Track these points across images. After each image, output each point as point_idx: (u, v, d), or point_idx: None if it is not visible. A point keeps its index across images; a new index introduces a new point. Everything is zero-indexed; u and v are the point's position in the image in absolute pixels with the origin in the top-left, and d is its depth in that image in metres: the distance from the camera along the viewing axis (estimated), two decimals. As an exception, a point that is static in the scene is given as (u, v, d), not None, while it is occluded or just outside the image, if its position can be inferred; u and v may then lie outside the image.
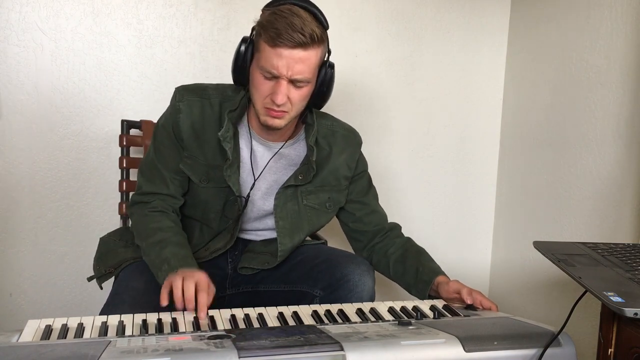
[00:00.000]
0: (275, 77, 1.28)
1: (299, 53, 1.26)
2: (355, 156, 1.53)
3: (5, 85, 1.82)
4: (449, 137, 2.31)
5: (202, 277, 1.22)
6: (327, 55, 1.36)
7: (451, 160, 2.33)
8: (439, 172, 2.32)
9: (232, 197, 1.42)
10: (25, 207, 1.89)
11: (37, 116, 1.86)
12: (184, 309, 1.18)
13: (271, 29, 1.25)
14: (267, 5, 1.32)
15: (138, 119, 1.84)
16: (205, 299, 1.17)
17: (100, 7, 1.87)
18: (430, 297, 1.40)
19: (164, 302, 1.18)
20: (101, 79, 1.91)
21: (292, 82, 1.28)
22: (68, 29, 1.86)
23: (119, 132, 1.81)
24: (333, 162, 1.49)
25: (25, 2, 1.81)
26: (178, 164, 1.43)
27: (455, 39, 2.26)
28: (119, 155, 1.80)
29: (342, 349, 0.93)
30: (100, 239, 1.55)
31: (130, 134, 1.82)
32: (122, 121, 1.81)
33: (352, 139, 1.54)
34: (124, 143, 1.79)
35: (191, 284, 1.18)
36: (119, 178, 1.80)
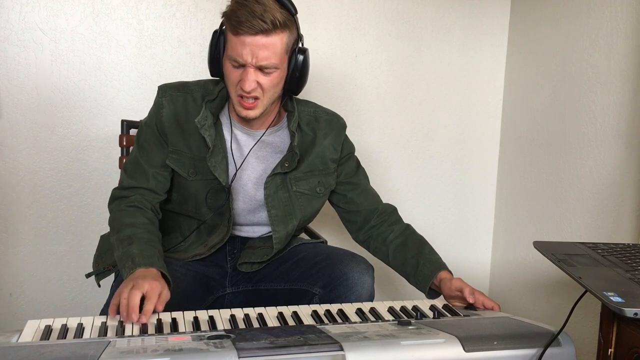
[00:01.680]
0: (242, 65, 1.31)
1: (261, 39, 1.28)
2: (340, 139, 1.53)
3: (5, 85, 1.82)
4: (449, 137, 2.31)
5: (153, 285, 1.15)
6: (298, 41, 1.37)
7: (451, 160, 2.33)
8: (439, 172, 2.32)
9: (215, 186, 1.42)
10: (25, 207, 1.89)
11: (37, 116, 1.86)
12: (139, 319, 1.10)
13: (233, 18, 1.28)
14: None
15: (138, 119, 1.84)
16: (149, 307, 1.11)
17: (100, 7, 1.88)
18: (431, 291, 1.40)
19: (112, 313, 1.13)
20: (101, 79, 1.91)
21: (260, 69, 1.31)
22: (68, 29, 1.86)
23: (119, 132, 1.81)
24: (318, 146, 1.49)
25: (25, 2, 1.81)
26: (162, 160, 1.44)
27: (455, 39, 2.26)
28: (119, 155, 1.80)
29: (341, 349, 0.93)
30: (101, 236, 1.56)
31: (130, 134, 1.81)
32: (122, 121, 1.81)
33: (335, 122, 1.54)
34: (124, 143, 1.79)
35: (137, 294, 1.12)
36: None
